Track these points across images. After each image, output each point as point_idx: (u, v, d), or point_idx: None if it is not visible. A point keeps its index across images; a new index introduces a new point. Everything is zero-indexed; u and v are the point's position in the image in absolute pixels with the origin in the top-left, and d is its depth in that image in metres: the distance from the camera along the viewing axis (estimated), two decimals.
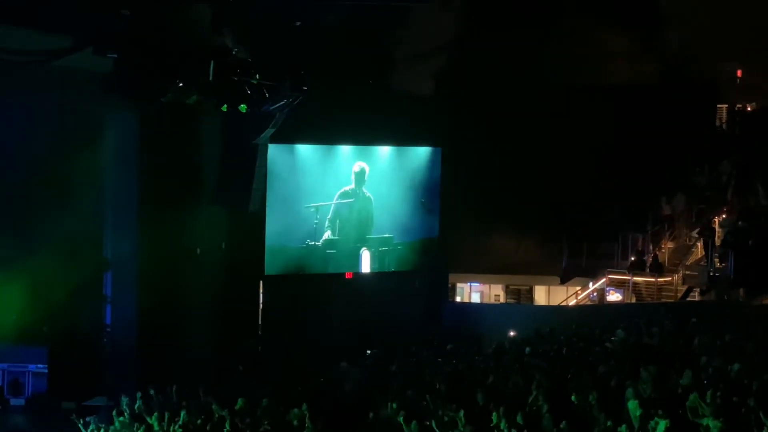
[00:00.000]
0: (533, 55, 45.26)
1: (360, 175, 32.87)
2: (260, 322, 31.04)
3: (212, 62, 20.99)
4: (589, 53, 44.96)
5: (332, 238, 32.25)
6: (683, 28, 44.51)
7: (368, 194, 33.03)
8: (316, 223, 31.81)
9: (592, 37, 45.24)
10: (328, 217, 32.17)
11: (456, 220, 36.49)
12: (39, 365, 27.16)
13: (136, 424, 21.60)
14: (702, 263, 34.12)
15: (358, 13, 36.92)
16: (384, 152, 33.62)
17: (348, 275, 32.47)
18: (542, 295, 41.82)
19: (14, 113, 25.82)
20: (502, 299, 42.09)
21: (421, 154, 34.47)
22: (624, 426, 17.88)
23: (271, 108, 23.26)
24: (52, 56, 22.16)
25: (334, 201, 32.20)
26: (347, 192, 32.61)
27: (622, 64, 45.96)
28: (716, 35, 43.84)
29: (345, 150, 32.73)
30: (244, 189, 28.72)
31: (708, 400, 18.23)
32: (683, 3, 45.02)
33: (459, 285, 41.72)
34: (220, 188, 28.71)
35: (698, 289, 34.00)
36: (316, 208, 31.72)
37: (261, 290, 31.18)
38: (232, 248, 29.40)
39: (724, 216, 34.95)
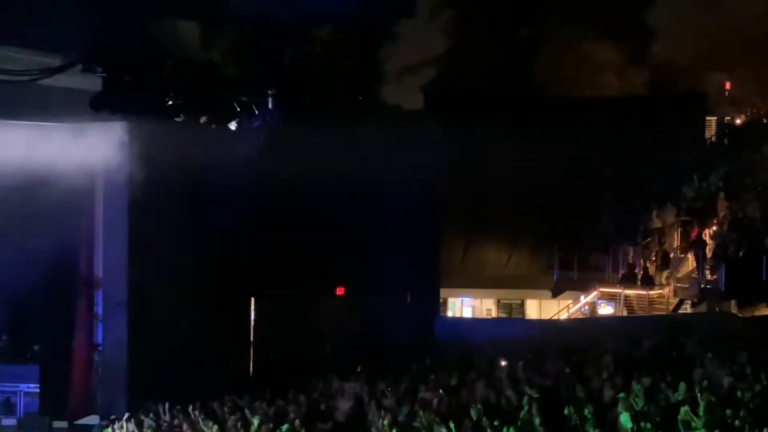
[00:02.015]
0: (522, 68, 45.41)
1: None
2: (252, 340, 30.93)
3: (200, 79, 20.92)
4: (579, 65, 45.13)
5: None
6: (672, 42, 44.70)
7: None
8: None
9: (581, 50, 45.42)
10: None
11: (447, 234, 36.47)
12: (31, 385, 27.07)
13: None
14: (693, 275, 34.12)
15: (346, 28, 37.04)
16: None
17: (339, 291, 32.40)
18: (534, 309, 41.82)
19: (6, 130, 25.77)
20: (494, 313, 42.08)
21: None
22: None
23: (258, 124, 23.23)
24: (42, 75, 22.17)
25: None
26: None
27: (612, 77, 46.14)
28: (705, 48, 44.02)
29: None
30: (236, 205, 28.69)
31: (701, 413, 18.27)
32: (672, 16, 45.18)
33: (451, 300, 41.70)
34: (211, 204, 28.66)
35: (690, 302, 34.00)
36: None
37: (252, 307, 31.08)
38: (224, 265, 29.33)
39: (714, 228, 34.97)
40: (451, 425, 19.64)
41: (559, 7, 46.58)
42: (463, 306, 42.42)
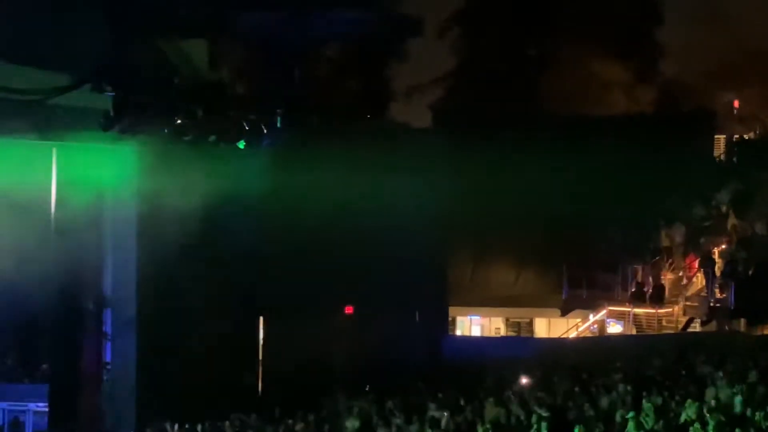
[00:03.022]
0: (530, 86, 45.43)
1: None
2: (260, 358, 30.91)
3: (210, 98, 20.94)
4: (587, 84, 45.13)
5: None
6: (681, 60, 44.70)
7: None
8: None
9: (590, 68, 45.43)
10: None
11: (455, 252, 36.43)
12: (39, 403, 27.05)
13: None
14: (702, 294, 34.06)
15: (353, 46, 37.08)
16: None
17: (348, 309, 32.36)
18: (543, 328, 41.73)
19: (11, 150, 25.81)
20: (502, 332, 42.00)
21: None
22: None
23: (267, 143, 23.24)
24: (52, 94, 22.21)
25: None
26: None
27: (621, 95, 46.12)
28: (714, 66, 44.00)
29: None
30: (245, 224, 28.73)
31: None
32: (680, 35, 45.19)
33: (459, 318, 41.64)
34: (220, 224, 28.68)
35: (699, 320, 33.94)
36: None
37: (261, 325, 31.07)
38: (232, 284, 29.33)
39: (723, 246, 34.91)
40: None
41: (567, 25, 46.64)
42: (472, 324, 42.35)
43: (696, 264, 36.13)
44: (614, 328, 36.54)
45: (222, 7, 21.18)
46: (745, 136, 45.23)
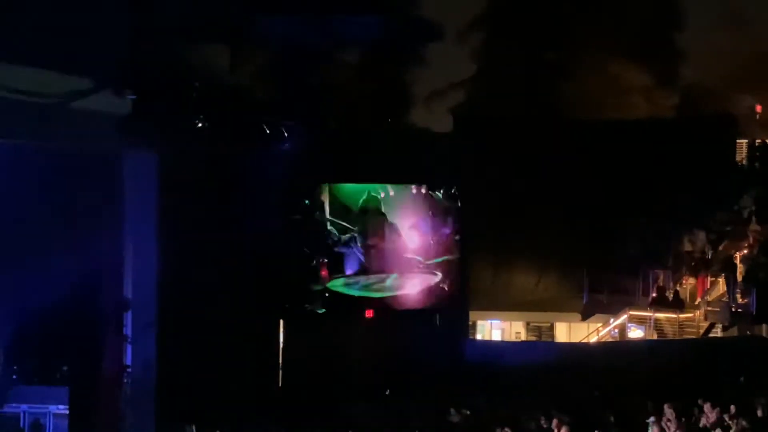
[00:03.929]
0: (551, 90, 45.35)
1: None
2: (281, 362, 30.95)
3: (230, 102, 20.95)
4: (608, 88, 45.04)
5: None
6: (702, 64, 44.56)
7: None
8: None
9: (610, 73, 45.33)
10: None
11: (475, 256, 36.35)
12: (60, 406, 27.09)
13: None
14: (724, 299, 33.94)
15: (374, 51, 37.05)
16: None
17: (368, 313, 32.35)
18: (563, 332, 41.64)
19: (34, 155, 25.86)
20: (523, 336, 41.93)
21: None
22: None
23: (287, 147, 23.25)
24: (71, 98, 22.25)
25: None
26: None
27: (641, 99, 46.01)
28: (735, 70, 43.85)
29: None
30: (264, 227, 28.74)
31: None
32: (701, 38, 45.06)
33: (479, 322, 41.59)
34: (240, 227, 28.72)
35: (720, 325, 33.81)
36: None
37: (281, 329, 31.11)
38: (252, 288, 29.38)
39: (744, 251, 34.79)
40: None
41: (587, 29, 46.56)
42: (492, 329, 42.30)
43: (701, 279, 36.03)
44: (635, 332, 36.41)
45: (242, 12, 21.18)
46: None
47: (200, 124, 24.87)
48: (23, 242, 25.76)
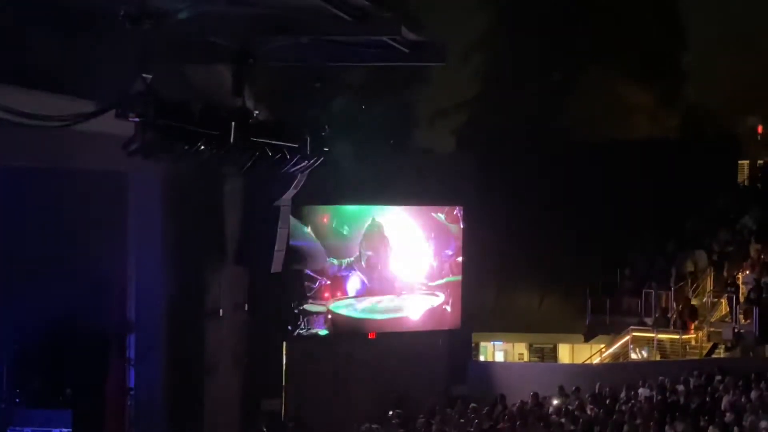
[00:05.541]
0: (553, 111, 45.51)
1: None
2: (284, 383, 30.98)
3: (233, 124, 20.97)
4: (610, 108, 45.21)
5: None
6: (704, 85, 44.71)
7: None
8: None
9: (613, 93, 45.51)
10: None
11: (478, 277, 36.39)
12: (63, 429, 27.09)
13: None
14: (727, 320, 33.95)
15: (378, 72, 37.14)
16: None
17: (371, 335, 32.38)
18: (566, 353, 41.66)
19: (37, 178, 25.93)
20: (525, 358, 41.95)
21: None
22: None
23: (293, 169, 23.27)
24: (76, 120, 22.28)
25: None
26: None
27: (643, 119, 46.18)
28: (737, 91, 43.99)
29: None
30: (267, 250, 28.73)
31: None
32: (703, 59, 45.24)
33: (482, 344, 41.62)
34: (243, 249, 28.76)
35: (723, 346, 33.80)
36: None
37: (284, 351, 31.15)
38: (256, 309, 29.42)
39: (746, 272, 34.81)
40: None
41: (590, 49, 46.73)
42: (495, 350, 42.32)
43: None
44: (638, 353, 36.38)
45: (246, 34, 21.23)
46: None
47: (203, 146, 24.90)
48: (27, 264, 25.84)
